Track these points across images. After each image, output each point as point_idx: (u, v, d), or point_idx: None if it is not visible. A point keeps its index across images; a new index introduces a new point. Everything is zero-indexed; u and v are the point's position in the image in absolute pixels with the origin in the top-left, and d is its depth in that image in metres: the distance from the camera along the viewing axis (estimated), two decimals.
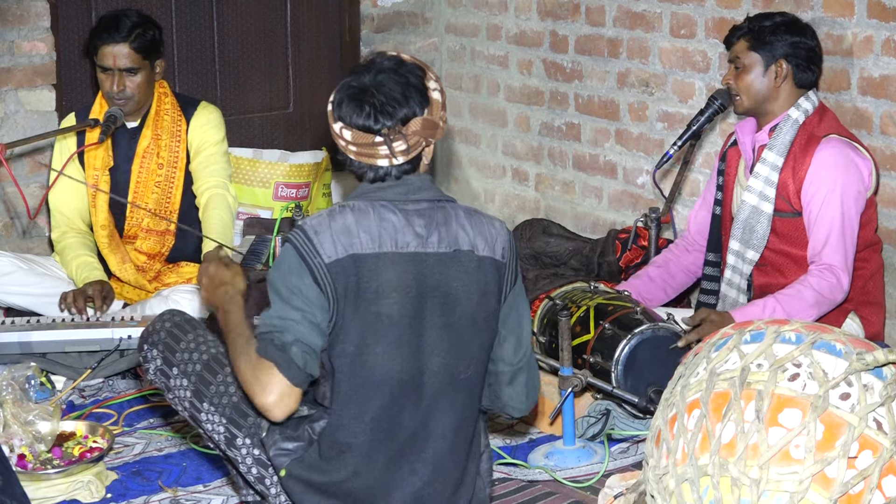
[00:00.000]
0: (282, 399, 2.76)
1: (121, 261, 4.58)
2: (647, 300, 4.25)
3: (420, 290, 2.84)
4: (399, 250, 2.82)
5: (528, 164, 5.74)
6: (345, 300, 2.79)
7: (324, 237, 2.79)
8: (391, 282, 2.81)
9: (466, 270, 2.86)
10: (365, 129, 2.82)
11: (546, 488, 3.51)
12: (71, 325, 4.28)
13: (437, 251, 2.85)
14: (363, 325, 2.81)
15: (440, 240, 2.85)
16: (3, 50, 5.13)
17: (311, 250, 2.78)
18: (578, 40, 5.38)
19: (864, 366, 2.64)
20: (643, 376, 3.75)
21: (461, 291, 2.86)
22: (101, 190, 4.50)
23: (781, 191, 3.98)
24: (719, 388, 2.69)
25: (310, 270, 2.77)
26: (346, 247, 2.79)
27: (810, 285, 3.85)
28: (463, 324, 2.87)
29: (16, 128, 5.17)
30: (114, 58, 4.42)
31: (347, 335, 2.82)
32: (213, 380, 3.02)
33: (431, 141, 2.88)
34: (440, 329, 2.86)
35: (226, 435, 2.99)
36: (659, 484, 2.76)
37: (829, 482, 2.56)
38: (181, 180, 4.60)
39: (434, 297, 2.85)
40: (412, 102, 2.82)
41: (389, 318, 2.82)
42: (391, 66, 2.85)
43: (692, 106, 4.86)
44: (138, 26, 4.44)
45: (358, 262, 2.79)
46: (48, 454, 3.57)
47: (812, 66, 3.99)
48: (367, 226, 2.81)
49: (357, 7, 5.93)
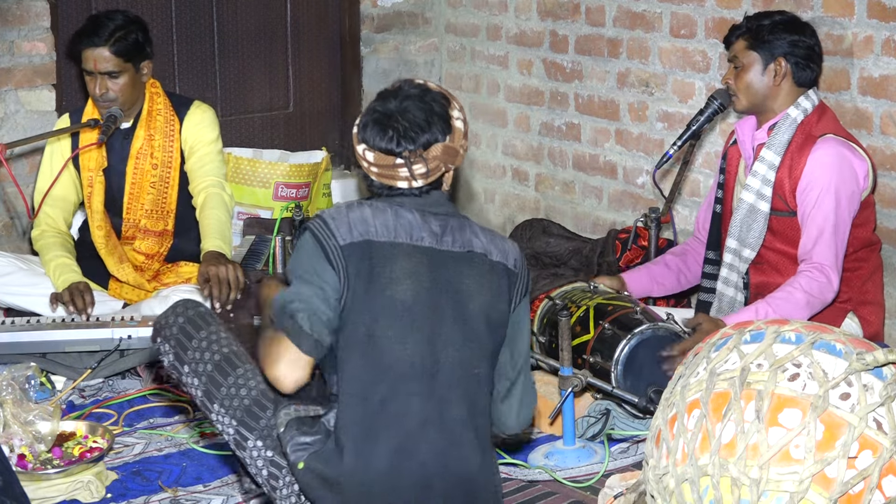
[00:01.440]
0: (290, 367, 2.81)
1: (118, 261, 4.58)
2: (660, 285, 4.27)
3: (434, 281, 2.90)
4: (414, 243, 2.90)
5: (528, 164, 5.74)
6: (357, 281, 2.85)
7: (340, 222, 2.88)
8: (405, 269, 2.88)
9: (479, 271, 2.93)
10: (387, 152, 2.91)
11: (546, 488, 3.51)
12: (71, 325, 4.27)
13: (451, 250, 2.92)
14: (376, 307, 2.86)
15: (454, 241, 2.93)
16: (3, 50, 5.13)
17: (327, 232, 2.87)
18: (578, 40, 5.39)
19: (864, 366, 2.64)
20: (643, 376, 3.75)
21: (474, 289, 2.92)
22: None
23: (778, 190, 3.98)
24: (719, 388, 2.69)
25: (324, 251, 2.85)
26: (361, 233, 2.87)
27: (800, 286, 3.85)
28: (477, 320, 2.92)
29: (16, 128, 5.17)
30: (94, 62, 4.38)
31: (360, 317, 2.86)
32: (223, 381, 3.02)
33: (451, 167, 2.97)
34: (454, 322, 2.90)
35: (236, 437, 2.99)
36: (659, 484, 2.76)
37: (829, 482, 2.56)
38: (176, 180, 4.59)
39: (447, 292, 2.90)
40: (435, 129, 2.92)
41: (403, 304, 2.87)
42: (417, 93, 2.95)
43: (692, 106, 4.86)
44: (120, 29, 4.39)
45: (372, 247, 2.87)
46: (48, 454, 3.57)
47: (811, 64, 3.99)
48: (384, 219, 2.90)
49: (357, 7, 5.93)
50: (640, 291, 4.27)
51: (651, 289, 4.31)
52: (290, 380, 2.83)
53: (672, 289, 4.34)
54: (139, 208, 4.59)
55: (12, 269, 4.57)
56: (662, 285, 4.31)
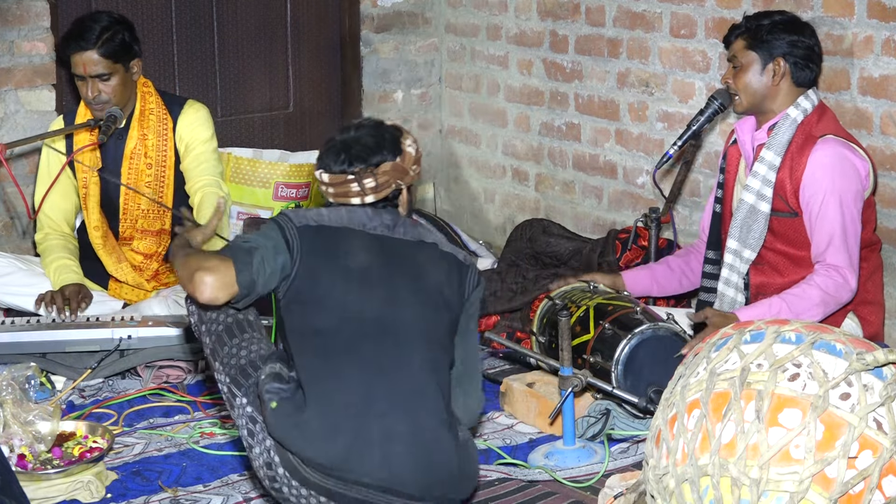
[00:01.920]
0: (217, 283, 2.95)
1: (116, 261, 4.58)
2: (661, 286, 4.27)
3: (388, 257, 3.08)
4: (367, 231, 3.09)
5: (528, 164, 5.74)
6: (312, 256, 3.03)
7: (299, 214, 3.10)
8: (359, 246, 3.07)
9: (431, 257, 3.12)
10: (340, 173, 3.15)
11: (546, 488, 3.51)
12: (71, 325, 4.28)
13: (404, 238, 3.12)
14: (333, 274, 3.03)
15: (406, 232, 3.13)
16: (3, 50, 5.13)
17: (285, 218, 3.09)
18: (578, 40, 5.38)
19: (864, 366, 2.64)
20: (643, 376, 3.75)
21: (428, 268, 3.10)
22: (141, 192, 4.49)
23: (779, 190, 3.98)
24: (719, 388, 2.69)
25: (281, 230, 3.05)
26: (316, 220, 3.08)
27: (816, 284, 3.85)
28: (433, 292, 3.08)
29: (16, 128, 5.17)
30: (84, 66, 4.39)
31: (317, 283, 3.02)
32: (228, 342, 3.18)
33: (402, 185, 3.16)
34: (411, 289, 3.07)
35: (228, 395, 3.15)
36: (659, 484, 2.76)
37: (829, 482, 2.56)
38: (171, 179, 4.58)
39: (403, 267, 3.08)
40: (385, 151, 3.15)
41: (360, 271, 3.04)
42: (372, 125, 3.21)
43: (692, 106, 4.86)
44: (106, 30, 4.39)
45: (326, 230, 3.07)
46: (48, 454, 3.57)
47: (811, 64, 3.99)
48: (338, 214, 3.12)
49: (357, 7, 5.93)
50: (639, 291, 4.27)
51: (651, 289, 4.31)
52: (208, 294, 2.96)
53: (673, 290, 4.34)
54: (135, 208, 4.59)
55: (12, 269, 4.57)
56: (663, 286, 4.31)
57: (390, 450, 2.94)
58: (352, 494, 2.94)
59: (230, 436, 3.84)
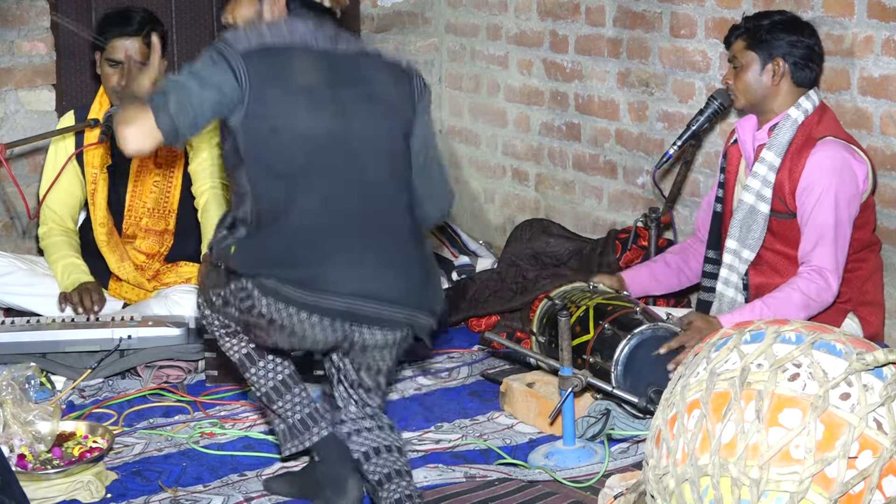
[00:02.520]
0: (139, 132, 3.00)
1: (119, 259, 4.59)
2: (660, 283, 4.28)
3: (334, 70, 3.16)
4: (309, 47, 3.16)
5: (528, 164, 5.74)
6: (261, 81, 3.07)
7: (239, 36, 3.12)
8: (305, 63, 3.13)
9: (376, 65, 3.24)
10: None
11: (546, 488, 3.51)
12: (71, 325, 4.28)
13: (347, 51, 3.21)
14: (285, 97, 3.09)
15: (349, 46, 3.22)
16: (3, 50, 5.13)
17: (226, 44, 3.10)
18: (578, 40, 5.38)
19: (864, 366, 2.64)
20: (643, 376, 3.75)
21: (374, 76, 3.21)
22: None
23: (778, 191, 3.98)
24: (719, 388, 2.69)
25: (225, 59, 3.07)
26: (258, 42, 3.11)
27: (798, 288, 3.85)
28: (382, 101, 3.19)
29: (16, 128, 5.17)
30: (126, 51, 4.42)
31: (269, 108, 3.08)
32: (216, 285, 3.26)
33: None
34: (360, 99, 3.16)
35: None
36: (659, 484, 2.76)
37: (829, 482, 2.56)
38: (179, 179, 4.59)
39: (349, 78, 3.17)
40: None
41: (310, 89, 3.11)
42: None
43: (692, 106, 4.86)
44: (149, 22, 4.47)
45: (271, 52, 3.11)
46: (48, 454, 3.57)
47: (811, 64, 3.99)
48: (279, 31, 3.15)
49: (357, 7, 5.93)
50: (639, 290, 4.28)
51: (651, 287, 4.32)
52: (134, 145, 3.01)
53: (672, 287, 4.34)
54: (141, 206, 4.60)
55: (12, 269, 4.57)
56: (662, 283, 4.31)
57: (363, 258, 3.08)
58: (331, 305, 3.06)
59: (230, 436, 3.85)
